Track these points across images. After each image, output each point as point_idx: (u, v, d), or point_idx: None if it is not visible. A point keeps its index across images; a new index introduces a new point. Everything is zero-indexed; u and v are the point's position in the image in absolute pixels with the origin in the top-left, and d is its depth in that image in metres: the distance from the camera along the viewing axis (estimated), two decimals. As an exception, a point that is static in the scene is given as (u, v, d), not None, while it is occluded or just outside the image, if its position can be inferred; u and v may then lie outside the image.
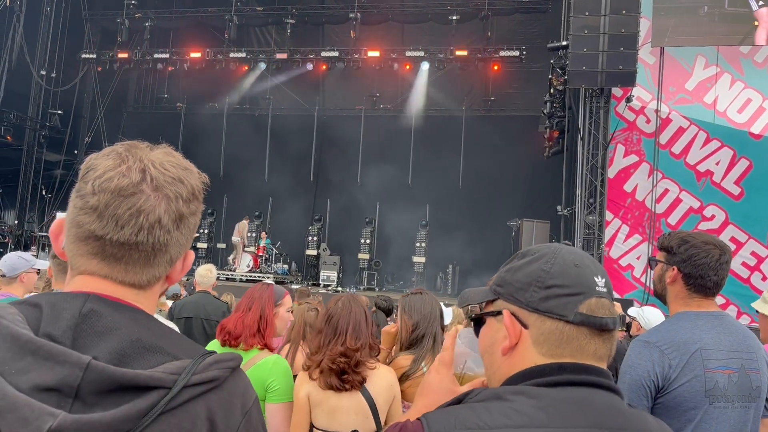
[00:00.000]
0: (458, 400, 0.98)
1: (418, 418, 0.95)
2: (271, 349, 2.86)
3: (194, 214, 1.01)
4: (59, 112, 18.45)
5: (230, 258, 16.63)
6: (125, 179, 0.94)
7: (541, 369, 0.98)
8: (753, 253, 11.84)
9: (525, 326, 1.01)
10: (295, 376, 2.83)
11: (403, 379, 2.84)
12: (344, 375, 2.58)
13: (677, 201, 12.39)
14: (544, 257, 1.03)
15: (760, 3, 11.78)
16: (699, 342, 1.99)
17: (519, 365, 1.01)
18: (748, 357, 2.02)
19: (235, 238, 16.32)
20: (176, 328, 3.55)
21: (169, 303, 5.78)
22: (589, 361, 0.99)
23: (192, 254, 1.06)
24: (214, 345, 2.89)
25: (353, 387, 2.59)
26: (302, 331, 3.57)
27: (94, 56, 18.40)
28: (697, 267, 2.07)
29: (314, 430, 2.64)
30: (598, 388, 0.96)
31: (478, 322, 1.11)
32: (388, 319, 5.79)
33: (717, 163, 12.14)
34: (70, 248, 0.96)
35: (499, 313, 1.04)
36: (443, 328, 3.06)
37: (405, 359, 2.91)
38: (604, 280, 1.02)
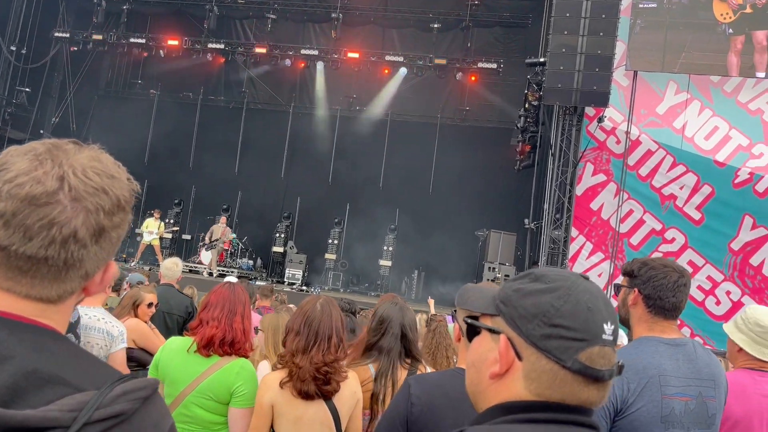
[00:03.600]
0: None
1: None
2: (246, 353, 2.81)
3: (118, 227, 0.92)
4: (27, 89, 17.88)
5: (202, 258, 15.73)
6: (39, 187, 0.84)
7: (525, 405, 0.96)
8: (709, 278, 12.17)
9: (519, 357, 0.97)
10: None
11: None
12: (326, 385, 2.50)
13: (640, 222, 12.65)
14: (557, 291, 0.98)
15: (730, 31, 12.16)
16: (658, 368, 2.03)
17: (503, 394, 0.98)
18: (707, 385, 2.07)
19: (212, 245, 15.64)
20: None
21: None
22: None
23: (113, 265, 0.97)
24: (196, 360, 2.74)
25: (327, 396, 2.53)
26: None
27: (68, 35, 17.89)
28: (655, 288, 2.13)
29: None
30: (580, 426, 0.95)
31: (472, 330, 1.07)
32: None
33: (681, 188, 12.43)
34: None
35: (497, 332, 1.01)
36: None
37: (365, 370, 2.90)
38: (612, 326, 0.98)
